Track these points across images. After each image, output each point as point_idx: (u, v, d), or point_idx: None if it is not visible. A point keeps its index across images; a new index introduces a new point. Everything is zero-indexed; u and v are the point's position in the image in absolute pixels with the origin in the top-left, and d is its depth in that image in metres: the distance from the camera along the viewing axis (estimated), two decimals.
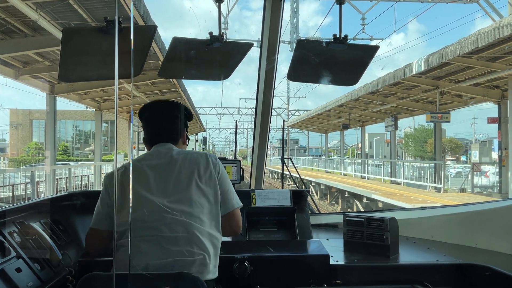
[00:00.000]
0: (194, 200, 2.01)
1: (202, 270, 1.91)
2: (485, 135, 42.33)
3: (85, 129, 51.67)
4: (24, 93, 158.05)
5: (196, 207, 2.00)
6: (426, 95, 17.80)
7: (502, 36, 9.78)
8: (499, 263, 2.37)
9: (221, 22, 2.67)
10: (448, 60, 12.35)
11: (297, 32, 23.15)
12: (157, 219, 1.95)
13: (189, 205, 2.00)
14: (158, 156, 2.15)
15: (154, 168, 2.09)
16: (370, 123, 28.48)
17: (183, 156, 2.15)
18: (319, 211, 3.86)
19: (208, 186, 2.08)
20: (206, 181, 2.08)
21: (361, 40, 19.45)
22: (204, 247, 1.94)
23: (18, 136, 47.62)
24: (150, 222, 1.95)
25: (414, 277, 2.43)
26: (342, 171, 29.89)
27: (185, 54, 2.71)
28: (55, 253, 2.19)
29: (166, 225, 1.93)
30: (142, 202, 1.99)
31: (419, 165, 21.48)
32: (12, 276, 1.90)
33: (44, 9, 8.98)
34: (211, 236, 2.00)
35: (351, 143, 58.46)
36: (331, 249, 2.59)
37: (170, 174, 2.07)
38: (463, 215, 3.00)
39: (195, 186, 2.04)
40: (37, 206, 2.58)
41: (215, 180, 2.11)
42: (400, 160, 28.83)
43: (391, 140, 25.03)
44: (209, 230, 2.00)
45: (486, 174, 19.73)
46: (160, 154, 2.15)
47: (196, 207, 2.00)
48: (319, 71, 2.92)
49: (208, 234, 1.99)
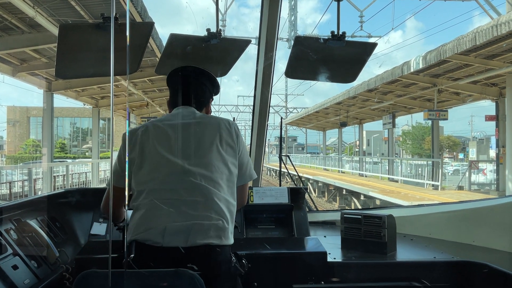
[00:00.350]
0: (214, 165, 1.98)
1: (220, 235, 1.89)
2: (482, 132, 42.41)
3: (83, 126, 51.62)
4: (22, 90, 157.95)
5: (215, 172, 1.97)
6: (424, 93, 17.83)
7: (500, 34, 9.79)
8: (496, 261, 2.38)
9: (219, 19, 2.66)
10: (446, 57, 12.36)
11: (295, 30, 23.13)
12: (176, 182, 1.93)
13: (209, 169, 1.96)
14: (180, 117, 2.10)
15: (176, 128, 2.05)
16: (368, 120, 28.53)
17: (207, 120, 2.12)
18: (317, 209, 3.86)
19: (227, 153, 2.04)
20: (226, 149, 2.05)
21: (359, 37, 19.44)
22: (222, 212, 1.92)
23: (15, 133, 47.53)
24: (169, 184, 1.93)
25: (411, 274, 2.43)
26: (340, 169, 29.91)
27: (183, 50, 2.70)
28: (52, 250, 2.19)
29: (185, 189, 1.91)
30: (161, 163, 1.96)
31: (417, 163, 21.50)
32: (9, 273, 1.89)
33: (41, 6, 8.96)
34: (228, 203, 1.98)
35: (349, 141, 58.59)
36: (329, 246, 2.59)
37: (192, 136, 2.04)
38: (460, 212, 3.00)
39: (216, 151, 2.01)
40: (34, 203, 2.57)
41: (235, 149, 2.08)
42: (398, 158, 28.91)
43: (389, 137, 25.05)
44: (227, 196, 1.98)
45: (484, 171, 19.78)
46: (181, 116, 2.11)
47: (216, 172, 1.97)
48: (317, 68, 2.91)
49: (225, 200, 1.97)
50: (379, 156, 36.32)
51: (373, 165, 26.27)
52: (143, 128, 2.06)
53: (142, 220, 1.89)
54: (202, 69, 2.28)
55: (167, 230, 1.83)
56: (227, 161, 2.03)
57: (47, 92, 15.03)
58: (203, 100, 2.24)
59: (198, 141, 2.02)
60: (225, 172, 2.01)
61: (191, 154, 1.99)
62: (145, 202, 1.92)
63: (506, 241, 2.66)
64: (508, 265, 2.33)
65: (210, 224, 1.88)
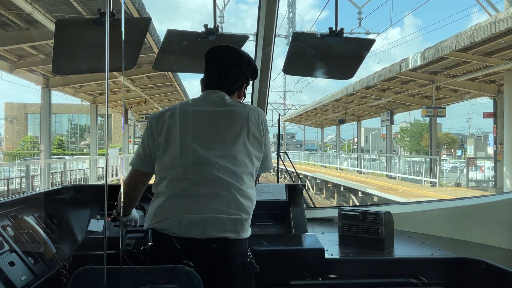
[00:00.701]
0: (239, 159, 1.94)
1: (237, 229, 1.88)
2: (480, 129, 42.60)
3: (81, 123, 51.53)
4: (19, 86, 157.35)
5: (239, 166, 1.93)
6: (422, 90, 17.85)
7: (498, 31, 9.79)
8: (494, 257, 2.38)
9: (217, 15, 2.65)
10: (444, 54, 12.36)
11: (293, 26, 23.08)
12: (198, 173, 1.90)
13: (233, 163, 1.92)
14: (208, 103, 2.03)
15: (203, 116, 2.00)
16: (366, 117, 28.55)
17: (236, 109, 2.02)
18: (315, 205, 3.86)
19: (253, 147, 1.99)
20: (253, 142, 1.99)
21: (358, 34, 19.41)
22: (241, 207, 1.90)
23: (13, 130, 47.44)
24: (190, 174, 1.90)
25: (408, 270, 2.43)
26: (338, 166, 29.95)
27: (180, 46, 2.70)
28: (49, 247, 2.18)
29: (206, 181, 1.88)
30: (185, 152, 1.93)
31: (415, 160, 21.56)
32: (6, 270, 1.89)
33: (39, 2, 8.92)
34: (249, 197, 1.96)
35: (347, 138, 58.63)
36: (326, 243, 2.59)
37: (219, 126, 1.97)
38: (458, 209, 3.00)
39: (242, 143, 1.96)
40: (31, 200, 2.56)
41: (261, 143, 2.03)
42: (396, 155, 28.94)
43: (387, 134, 25.11)
44: (248, 190, 1.95)
45: (481, 168, 19.81)
46: (210, 102, 2.03)
47: (240, 166, 1.93)
48: (315, 64, 2.91)
49: (246, 194, 1.94)
50: (377, 153, 36.40)
51: (371, 162, 26.31)
52: (170, 111, 2.00)
53: (160, 209, 1.89)
54: (240, 50, 2.20)
55: (184, 221, 1.83)
56: (252, 155, 1.98)
57: (45, 88, 14.98)
58: (234, 83, 2.13)
59: (224, 132, 1.96)
60: (249, 166, 1.97)
61: (216, 145, 1.94)
62: (165, 190, 1.91)
63: (504, 238, 2.66)
64: (505, 262, 2.34)
65: (228, 218, 1.86)
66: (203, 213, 1.84)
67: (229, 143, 1.94)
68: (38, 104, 17.87)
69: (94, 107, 19.81)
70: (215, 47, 2.17)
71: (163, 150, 1.95)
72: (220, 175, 1.88)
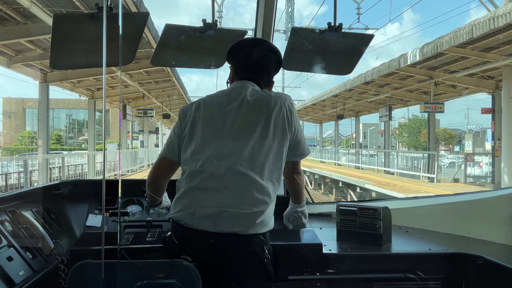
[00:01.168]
0: (257, 150, 1.89)
1: (249, 225, 1.84)
2: (478, 125, 42.61)
3: (79, 118, 51.41)
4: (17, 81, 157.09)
5: (259, 158, 1.89)
6: (421, 86, 17.85)
7: (497, 26, 9.79)
8: (491, 253, 2.38)
9: (215, 10, 2.63)
10: (442, 50, 12.36)
11: (292, 21, 23.04)
12: (214, 167, 1.89)
13: (251, 155, 1.88)
14: (231, 95, 2.01)
15: (223, 107, 1.98)
16: (365, 113, 28.57)
17: (256, 98, 1.98)
18: (313, 201, 3.86)
19: (275, 135, 1.93)
20: (274, 130, 1.93)
21: (356, 29, 19.40)
22: (255, 202, 1.86)
23: (11, 125, 47.33)
24: (207, 168, 1.89)
25: (406, 266, 2.44)
26: (336, 161, 29.98)
27: (178, 41, 2.68)
28: (47, 242, 2.18)
29: (221, 175, 1.87)
30: (204, 145, 1.93)
31: (413, 155, 21.58)
32: (3, 265, 1.88)
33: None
34: (266, 190, 1.90)
35: (346, 133, 58.66)
36: (324, 238, 2.59)
37: (239, 118, 1.94)
38: (456, 204, 3.01)
39: (260, 133, 1.91)
40: (29, 195, 2.56)
41: (286, 129, 1.97)
42: (394, 150, 28.96)
43: (385, 130, 25.11)
44: (266, 183, 1.89)
45: (479, 164, 19.86)
46: (232, 93, 2.02)
47: (259, 158, 1.89)
48: (314, 59, 2.90)
49: (263, 188, 1.88)
50: (375, 149, 36.41)
51: (369, 158, 26.35)
52: (197, 104, 2.03)
53: (179, 200, 1.93)
54: (266, 42, 2.22)
55: (196, 214, 1.84)
56: (273, 145, 1.93)
57: (43, 83, 14.94)
58: (262, 72, 2.13)
59: (244, 124, 1.94)
60: (271, 157, 1.92)
61: (233, 137, 1.92)
62: (184, 183, 1.94)
63: (501, 233, 2.67)
64: (503, 257, 2.34)
65: (240, 213, 1.83)
66: (215, 206, 1.84)
67: (247, 134, 1.92)
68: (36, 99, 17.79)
69: (92, 102, 19.75)
70: (239, 42, 2.20)
71: (187, 142, 1.98)
72: (236, 168, 1.87)
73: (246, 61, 2.14)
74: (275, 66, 2.18)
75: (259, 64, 2.13)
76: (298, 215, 2.55)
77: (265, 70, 2.14)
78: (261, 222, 1.88)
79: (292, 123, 2.01)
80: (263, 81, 2.13)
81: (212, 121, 1.97)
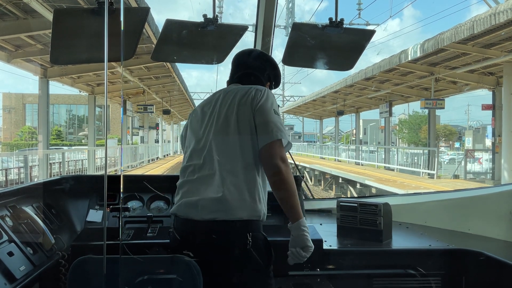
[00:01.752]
0: (231, 138, 1.95)
1: (226, 209, 1.87)
2: (479, 121, 42.54)
3: (79, 114, 51.37)
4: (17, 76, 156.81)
5: (232, 146, 1.95)
6: (421, 82, 17.81)
7: (498, 22, 9.76)
8: (491, 249, 2.39)
9: (215, 6, 2.62)
10: (443, 46, 12.33)
11: (292, 17, 23.01)
12: (195, 159, 2.02)
13: (224, 142, 1.96)
14: (213, 96, 2.14)
15: (203, 108, 2.12)
16: (365, 109, 28.50)
17: (228, 91, 2.09)
18: (313, 197, 3.87)
19: (243, 121, 1.96)
20: (243, 116, 1.97)
21: (357, 25, 19.39)
22: (232, 187, 1.89)
23: (11, 120, 47.29)
24: (190, 162, 2.03)
25: (406, 262, 2.45)
26: (336, 157, 29.96)
27: (179, 36, 2.67)
28: (48, 237, 2.18)
29: (202, 165, 1.98)
30: (189, 142, 2.09)
31: (413, 152, 21.57)
32: (4, 260, 1.89)
33: None
34: (240, 176, 1.92)
35: (346, 129, 58.64)
36: (325, 234, 2.60)
37: (213, 111, 2.05)
38: (456, 201, 3.01)
39: (233, 121, 1.97)
40: (29, 190, 2.56)
41: (250, 111, 1.97)
42: (394, 147, 28.95)
43: (386, 126, 25.08)
44: (243, 169, 1.92)
45: (479, 160, 19.84)
46: (215, 95, 2.14)
47: (232, 145, 1.95)
48: (315, 55, 2.89)
49: (236, 174, 1.91)
50: (375, 145, 36.41)
51: (369, 154, 26.33)
52: (193, 109, 2.19)
53: (175, 195, 2.06)
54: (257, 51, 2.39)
55: (182, 204, 1.96)
56: (244, 131, 1.96)
57: (43, 78, 14.90)
58: (248, 80, 2.19)
59: (215, 116, 2.03)
60: (245, 142, 1.95)
61: (209, 131, 2.01)
62: (179, 179, 2.07)
63: (501, 230, 2.67)
64: (503, 253, 2.35)
65: (217, 199, 1.87)
66: (194, 196, 1.93)
67: (220, 124, 2.00)
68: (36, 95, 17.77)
69: (92, 97, 19.70)
70: (241, 52, 2.31)
71: (186, 145, 2.15)
72: (211, 156, 1.96)
73: (234, 69, 2.27)
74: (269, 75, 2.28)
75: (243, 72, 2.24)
76: (294, 249, 2.00)
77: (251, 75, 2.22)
78: (238, 208, 1.89)
79: (256, 103, 1.98)
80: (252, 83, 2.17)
81: (195, 121, 2.12)
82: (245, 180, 1.93)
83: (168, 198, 2.86)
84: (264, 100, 1.99)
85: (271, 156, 1.90)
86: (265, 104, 1.98)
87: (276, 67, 2.30)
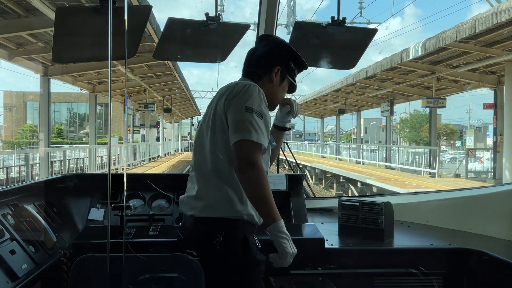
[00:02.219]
0: (208, 135, 1.91)
1: (197, 207, 1.88)
2: (480, 121, 42.58)
3: (80, 112, 51.39)
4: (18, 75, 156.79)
5: (206, 143, 1.91)
6: (423, 80, 17.79)
7: (499, 21, 9.74)
8: (493, 248, 2.39)
9: (217, 4, 2.62)
10: (445, 45, 12.31)
11: (294, 15, 22.96)
12: (193, 156, 2.06)
13: (203, 141, 1.95)
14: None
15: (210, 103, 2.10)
16: (366, 108, 28.49)
17: (224, 86, 1.99)
18: (315, 196, 3.87)
19: (218, 117, 1.87)
20: (219, 116, 1.87)
21: (359, 24, 19.35)
22: (203, 185, 1.91)
23: (12, 118, 47.31)
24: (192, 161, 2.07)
25: (408, 261, 2.44)
26: (337, 156, 29.94)
27: (181, 35, 2.68)
28: (50, 235, 2.19)
29: (193, 165, 2.03)
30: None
31: (414, 151, 21.54)
32: (6, 258, 1.89)
33: None
34: (211, 174, 1.88)
35: (347, 128, 58.66)
36: (326, 233, 2.60)
37: (209, 107, 2.01)
38: (457, 200, 3.01)
39: (209, 121, 1.92)
40: (31, 188, 2.56)
41: (223, 107, 1.85)
42: (395, 145, 28.93)
43: (387, 125, 25.06)
44: (213, 166, 1.87)
45: (481, 159, 19.81)
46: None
47: (207, 143, 1.91)
48: (317, 54, 2.89)
49: (210, 172, 1.88)
50: (376, 144, 36.40)
51: (370, 153, 26.31)
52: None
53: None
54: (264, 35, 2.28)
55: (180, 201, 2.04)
56: (216, 126, 1.87)
57: (44, 77, 14.90)
58: (255, 66, 2.03)
59: (206, 113, 2.02)
60: (219, 141, 1.87)
61: (201, 127, 2.01)
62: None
63: (503, 229, 2.67)
64: (504, 252, 2.35)
65: (192, 197, 1.94)
66: (185, 193, 2.03)
67: (206, 122, 1.97)
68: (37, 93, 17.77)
69: (93, 96, 19.71)
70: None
71: None
72: (196, 156, 2.00)
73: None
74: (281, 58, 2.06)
75: (250, 60, 2.08)
76: (271, 255, 1.81)
77: (256, 62, 2.05)
78: (210, 207, 1.85)
79: (230, 100, 1.85)
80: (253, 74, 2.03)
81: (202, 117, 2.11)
82: (219, 179, 1.86)
83: (169, 196, 2.86)
84: (239, 96, 1.83)
85: (236, 158, 1.78)
86: (238, 100, 1.82)
87: (280, 44, 2.09)
